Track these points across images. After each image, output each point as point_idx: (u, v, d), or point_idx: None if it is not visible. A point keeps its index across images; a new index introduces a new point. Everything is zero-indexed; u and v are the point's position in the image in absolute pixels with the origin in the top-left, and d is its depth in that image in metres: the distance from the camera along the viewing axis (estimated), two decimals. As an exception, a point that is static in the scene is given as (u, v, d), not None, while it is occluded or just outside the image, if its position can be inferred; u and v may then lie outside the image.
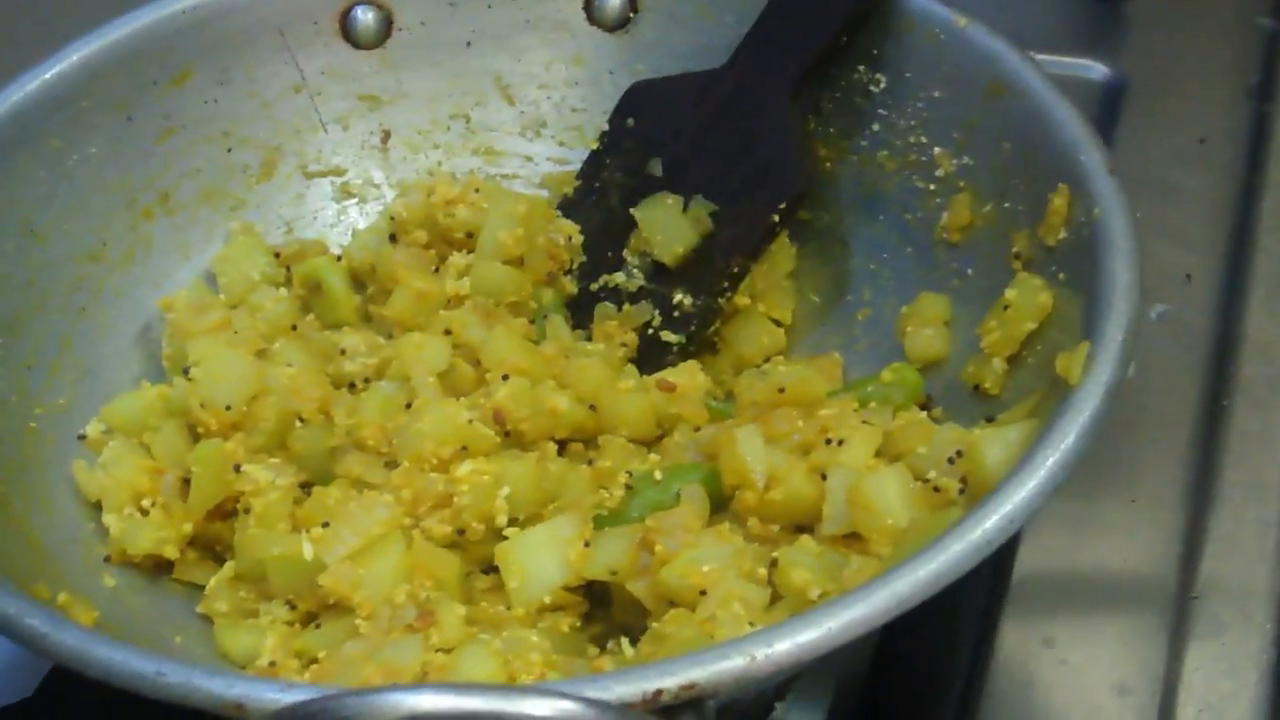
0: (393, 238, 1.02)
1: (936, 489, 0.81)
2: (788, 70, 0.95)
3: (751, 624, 0.77)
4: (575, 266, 1.00)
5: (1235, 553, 0.87)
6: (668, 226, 0.97)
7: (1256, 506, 0.89)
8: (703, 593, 0.79)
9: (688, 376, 0.92)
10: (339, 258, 1.03)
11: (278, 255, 1.02)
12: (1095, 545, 0.89)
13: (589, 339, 0.98)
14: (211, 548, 0.90)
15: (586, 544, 0.83)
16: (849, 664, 0.86)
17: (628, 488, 0.87)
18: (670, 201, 0.97)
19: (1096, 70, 1.17)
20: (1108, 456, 0.91)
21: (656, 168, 0.98)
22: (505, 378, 0.89)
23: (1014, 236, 0.88)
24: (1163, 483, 0.91)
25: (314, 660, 0.81)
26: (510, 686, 0.63)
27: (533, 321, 0.97)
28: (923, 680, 0.89)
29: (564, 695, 0.59)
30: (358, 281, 1.02)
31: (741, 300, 0.98)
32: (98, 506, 0.90)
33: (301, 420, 0.90)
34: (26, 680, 0.89)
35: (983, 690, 0.83)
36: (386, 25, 1.05)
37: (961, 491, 0.80)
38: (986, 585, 0.87)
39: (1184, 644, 0.84)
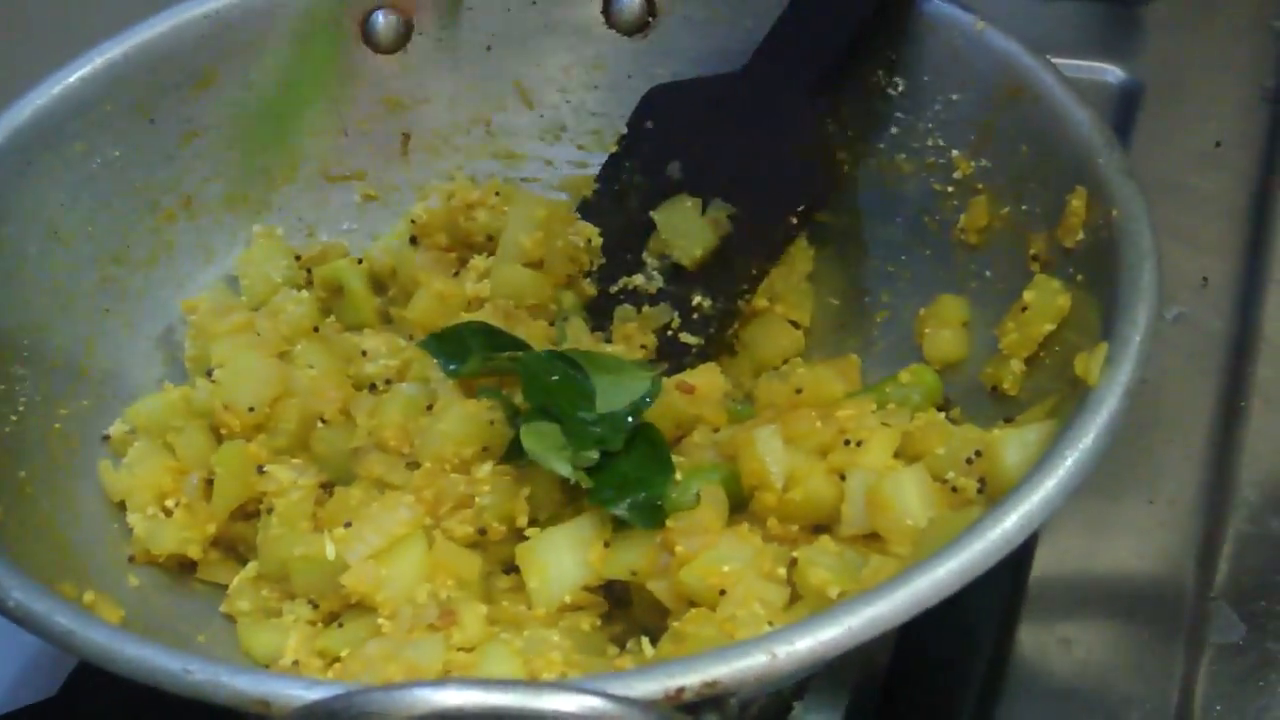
0: (413, 240, 1.03)
1: (955, 489, 0.81)
2: (806, 73, 0.96)
3: (771, 623, 0.77)
4: (595, 269, 1.01)
5: (1253, 554, 0.87)
6: (686, 229, 0.97)
7: (1274, 507, 0.89)
8: (722, 592, 0.79)
9: (707, 378, 0.92)
10: (360, 260, 1.03)
11: (299, 258, 1.03)
12: (1113, 546, 0.89)
13: (609, 341, 0.98)
14: (234, 548, 0.91)
15: (606, 544, 0.83)
16: (866, 664, 0.86)
17: None
18: (689, 204, 0.97)
19: (1113, 74, 1.17)
20: (1125, 458, 0.91)
21: (675, 170, 0.99)
22: (527, 379, 0.90)
23: (1032, 238, 0.88)
24: (1180, 484, 0.91)
25: (336, 659, 0.82)
26: (535, 682, 0.64)
27: (552, 324, 0.98)
28: (940, 680, 0.89)
29: (589, 692, 0.59)
30: (378, 284, 1.03)
31: (760, 303, 0.98)
32: (122, 506, 0.90)
33: (324, 421, 0.91)
34: (50, 679, 0.89)
35: (999, 690, 0.83)
36: (406, 30, 1.05)
37: (980, 491, 0.80)
38: (1004, 586, 0.87)
39: (1201, 645, 0.84)
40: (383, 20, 1.04)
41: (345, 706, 0.61)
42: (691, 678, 0.64)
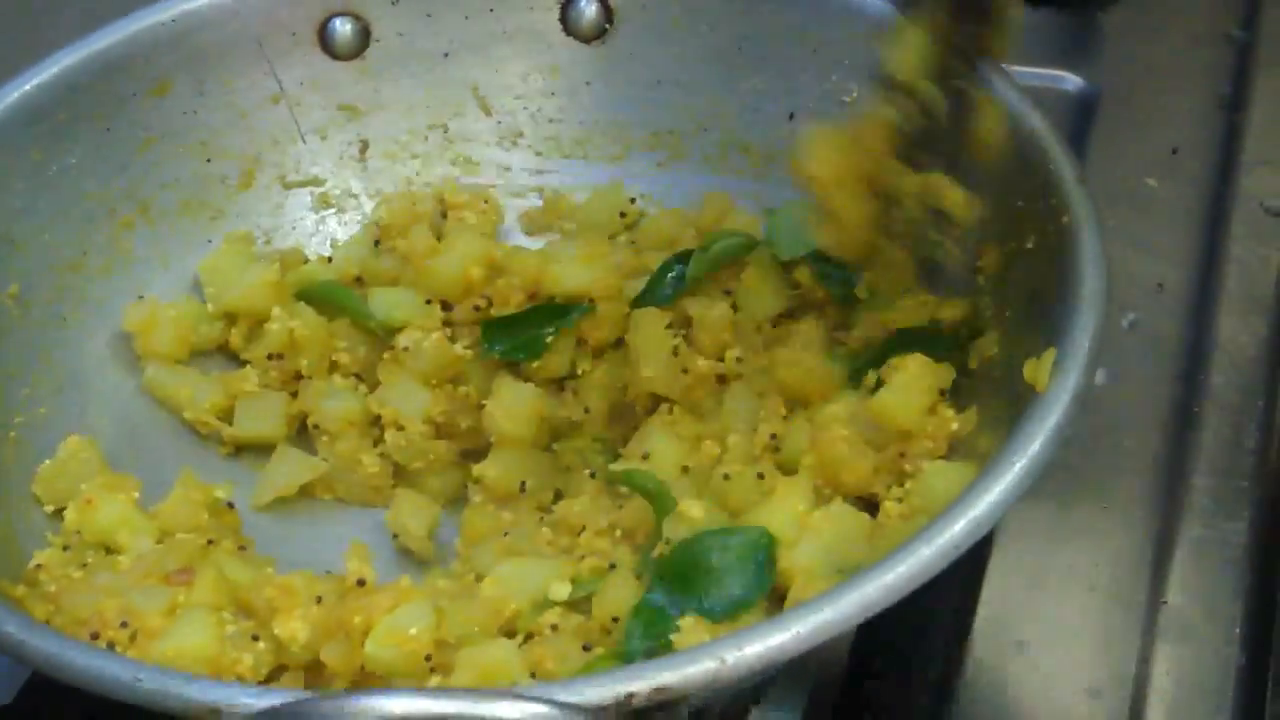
0: (377, 244, 1.03)
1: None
2: None
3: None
4: None
5: (1205, 558, 0.88)
6: None
7: (1226, 512, 0.89)
8: None
9: None
10: (330, 260, 1.04)
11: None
12: (1067, 550, 0.89)
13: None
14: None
15: None
16: (824, 668, 0.86)
17: None
18: None
19: (1070, 81, 1.17)
20: (1080, 463, 0.91)
21: None
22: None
23: (983, 246, 0.88)
24: (1134, 488, 0.91)
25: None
26: (482, 690, 0.64)
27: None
28: (896, 685, 0.89)
29: (535, 699, 0.60)
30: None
31: None
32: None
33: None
34: (6, 687, 0.89)
35: (956, 694, 0.84)
36: (364, 36, 1.05)
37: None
38: (960, 590, 0.88)
39: (1154, 647, 0.84)
40: (340, 27, 1.04)
41: (295, 714, 0.62)
42: (640, 684, 0.64)
